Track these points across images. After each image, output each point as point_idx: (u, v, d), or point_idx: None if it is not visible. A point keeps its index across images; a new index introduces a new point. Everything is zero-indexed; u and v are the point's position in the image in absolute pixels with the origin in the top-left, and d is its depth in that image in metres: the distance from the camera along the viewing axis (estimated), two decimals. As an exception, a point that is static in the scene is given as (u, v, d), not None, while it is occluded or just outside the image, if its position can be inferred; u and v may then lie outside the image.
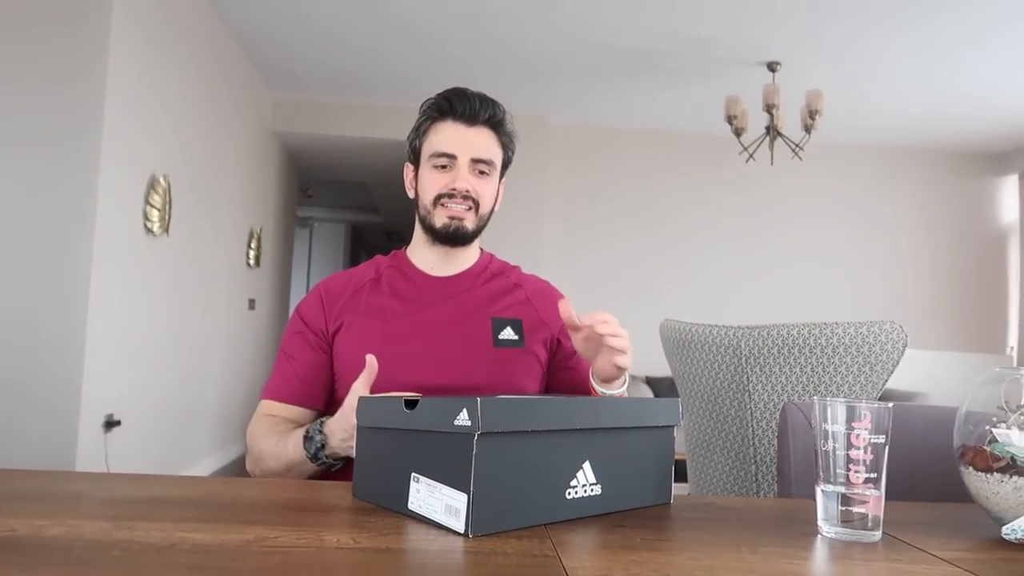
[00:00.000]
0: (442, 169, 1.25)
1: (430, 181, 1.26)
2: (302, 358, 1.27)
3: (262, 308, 6.02)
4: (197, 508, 0.80)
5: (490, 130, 1.28)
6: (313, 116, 5.96)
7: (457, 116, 1.25)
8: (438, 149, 1.25)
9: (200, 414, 4.66)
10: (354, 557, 0.65)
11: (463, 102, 1.25)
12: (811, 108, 4.55)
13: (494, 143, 1.28)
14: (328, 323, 1.27)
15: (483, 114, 1.26)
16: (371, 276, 1.33)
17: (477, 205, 1.26)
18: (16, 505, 0.77)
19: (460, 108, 1.25)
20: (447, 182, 1.25)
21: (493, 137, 1.28)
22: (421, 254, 1.33)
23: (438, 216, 1.26)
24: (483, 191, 1.27)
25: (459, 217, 1.25)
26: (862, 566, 0.70)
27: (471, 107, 1.25)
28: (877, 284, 6.31)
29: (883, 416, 0.78)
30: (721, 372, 1.80)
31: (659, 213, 6.27)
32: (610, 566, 0.65)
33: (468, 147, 1.25)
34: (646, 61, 4.86)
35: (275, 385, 1.28)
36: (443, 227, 1.26)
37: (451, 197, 1.25)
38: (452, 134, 1.25)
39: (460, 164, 1.24)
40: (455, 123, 1.26)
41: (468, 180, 1.24)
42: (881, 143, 6.35)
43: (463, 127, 1.25)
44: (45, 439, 2.98)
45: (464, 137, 1.25)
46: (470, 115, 1.25)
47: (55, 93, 3.06)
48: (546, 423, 0.78)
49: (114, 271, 3.27)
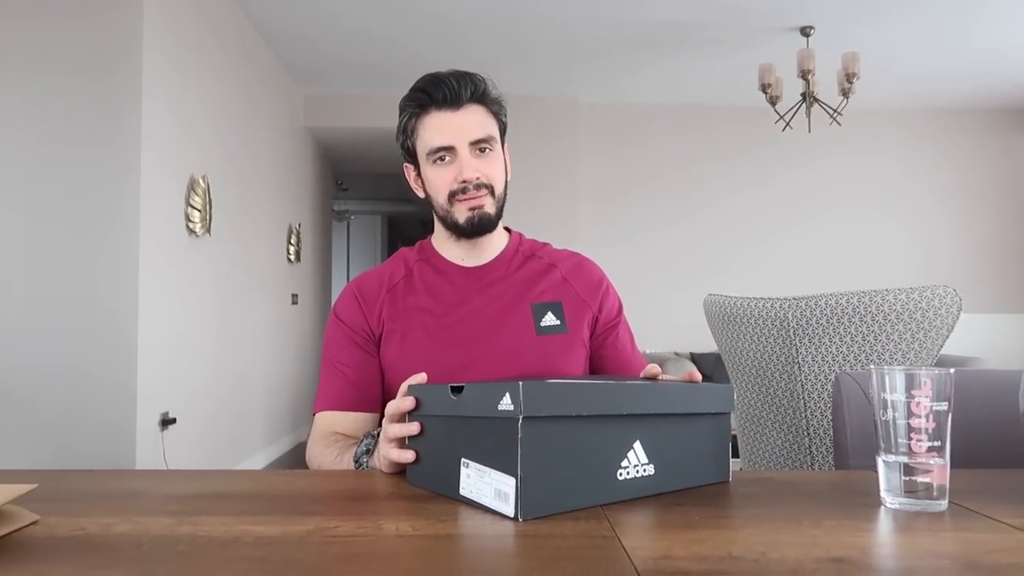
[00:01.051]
0: (443, 163, 1.20)
1: (437, 179, 1.21)
2: (350, 361, 1.24)
3: (305, 303, 6.11)
4: (256, 501, 0.81)
5: (478, 105, 1.21)
6: (343, 110, 6.00)
7: (440, 104, 1.18)
8: (433, 145, 1.19)
9: (251, 409, 4.75)
10: (414, 544, 0.66)
11: (441, 88, 1.18)
12: (848, 72, 4.43)
13: (486, 117, 1.21)
14: (370, 323, 1.25)
15: (465, 92, 1.18)
16: (403, 274, 1.29)
17: (491, 187, 1.21)
18: (83, 505, 0.80)
19: (440, 95, 1.18)
20: (454, 175, 1.19)
21: (483, 111, 1.21)
22: (448, 247, 1.29)
23: (458, 212, 1.21)
24: (491, 171, 1.21)
25: (479, 207, 1.20)
26: (930, 536, 0.68)
27: (452, 90, 1.18)
28: (923, 249, 6.14)
29: (945, 382, 0.76)
30: (769, 345, 1.77)
31: (695, 190, 6.17)
32: (670, 545, 0.64)
33: (462, 132, 1.18)
34: (675, 34, 4.78)
35: (327, 395, 1.24)
36: (467, 221, 1.21)
37: (464, 191, 1.19)
38: (442, 124, 1.19)
39: (460, 153, 1.18)
40: (440, 112, 1.19)
41: (474, 167, 1.19)
42: (918, 105, 6.15)
43: (450, 113, 1.18)
44: (106, 439, 3.07)
45: (455, 123, 1.18)
46: (453, 99, 1.18)
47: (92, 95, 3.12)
48: (592, 408, 0.77)
49: (160, 273, 3.34)
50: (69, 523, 0.71)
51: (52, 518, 0.72)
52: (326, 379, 1.25)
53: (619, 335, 1.30)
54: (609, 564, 0.59)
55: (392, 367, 1.22)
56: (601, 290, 1.30)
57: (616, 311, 1.31)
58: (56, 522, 0.71)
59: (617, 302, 1.33)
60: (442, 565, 0.61)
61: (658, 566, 0.58)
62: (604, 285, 1.32)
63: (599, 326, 1.29)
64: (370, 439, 1.06)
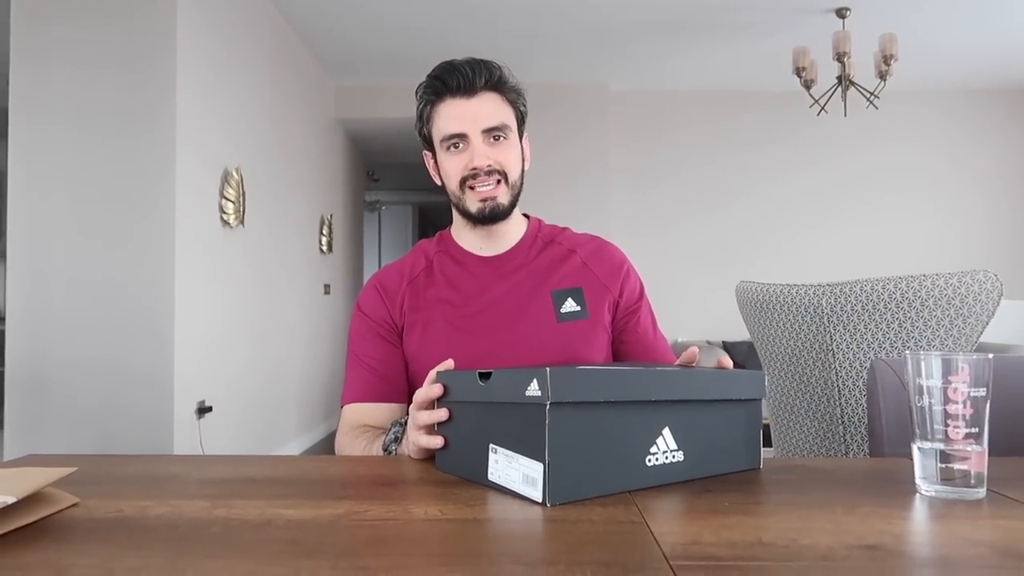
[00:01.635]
0: (456, 149, 1.20)
1: (449, 166, 1.22)
2: (375, 353, 1.25)
3: (337, 293, 6.17)
4: (288, 486, 0.83)
5: (493, 93, 1.21)
6: (374, 101, 6.03)
7: (454, 91, 1.19)
8: (445, 132, 1.20)
9: (285, 398, 4.82)
10: (443, 528, 0.66)
11: (455, 75, 1.19)
12: (885, 53, 4.33)
13: (501, 105, 1.21)
14: (392, 315, 1.25)
15: (479, 80, 1.19)
16: (423, 265, 1.29)
17: (505, 174, 1.21)
18: (122, 488, 0.81)
19: (454, 82, 1.19)
20: (466, 163, 1.20)
21: (498, 99, 1.21)
22: (466, 236, 1.30)
23: (469, 200, 1.22)
24: (504, 159, 1.21)
25: (491, 196, 1.20)
26: (967, 524, 0.67)
27: (465, 77, 1.18)
28: (961, 235, 5.99)
29: (983, 368, 0.74)
30: (803, 332, 1.75)
31: (729, 178, 6.07)
32: (699, 531, 0.64)
33: (475, 119, 1.19)
34: (707, 17, 4.71)
35: (353, 387, 1.25)
36: (479, 211, 1.21)
37: (475, 177, 1.20)
38: (455, 112, 1.19)
39: (472, 140, 1.19)
40: (454, 99, 1.20)
41: (486, 154, 1.19)
42: (956, 86, 5.98)
43: (464, 101, 1.19)
44: (144, 428, 3.14)
45: (468, 111, 1.19)
46: (467, 86, 1.19)
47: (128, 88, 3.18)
48: (619, 394, 0.77)
49: (196, 264, 3.40)
50: (107, 505, 0.73)
51: (91, 500, 0.74)
52: (352, 372, 1.27)
53: (640, 319, 1.29)
54: (637, 549, 0.59)
55: (415, 358, 1.23)
56: (621, 273, 1.29)
57: (637, 294, 1.30)
58: (95, 504, 0.73)
59: (638, 285, 1.31)
60: (471, 548, 0.62)
61: (687, 552, 0.58)
62: (624, 268, 1.31)
63: (620, 310, 1.28)
64: (398, 427, 1.07)
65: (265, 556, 0.58)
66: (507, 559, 0.58)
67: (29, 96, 3.15)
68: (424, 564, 0.56)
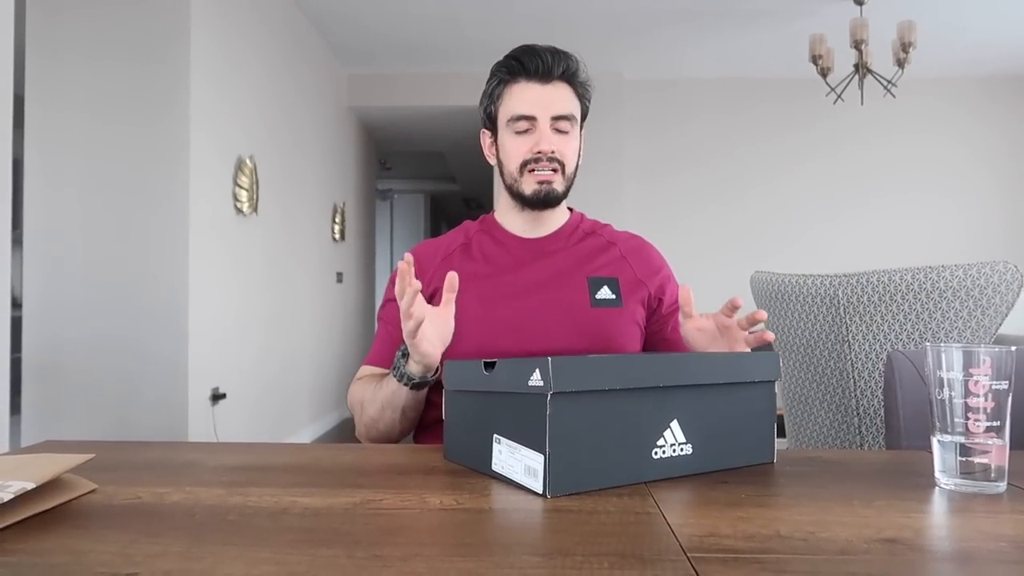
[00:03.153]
0: (524, 133, 1.22)
1: (513, 147, 1.23)
2: (396, 321, 1.25)
3: (349, 281, 6.19)
4: (304, 473, 0.83)
5: (566, 84, 1.22)
6: (387, 89, 6.01)
7: (530, 75, 1.21)
8: (516, 112, 1.21)
9: (298, 385, 4.85)
10: (459, 518, 0.66)
11: (535, 59, 1.20)
12: (904, 41, 4.27)
13: (571, 97, 1.23)
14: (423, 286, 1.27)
15: (557, 69, 1.20)
16: (461, 241, 1.31)
17: (563, 165, 1.22)
18: (139, 474, 0.82)
19: (532, 66, 1.20)
20: (531, 146, 1.21)
21: (570, 91, 1.23)
22: (511, 218, 1.31)
23: (527, 183, 1.23)
24: (566, 150, 1.22)
25: (548, 180, 1.22)
26: (986, 518, 0.66)
27: (544, 63, 1.20)
28: (978, 226, 5.92)
29: (1005, 361, 0.73)
30: (818, 323, 1.73)
31: (744, 168, 6.02)
32: (715, 523, 0.64)
33: (547, 106, 1.20)
34: (722, 5, 4.67)
35: (377, 352, 1.28)
36: (533, 193, 1.23)
37: (537, 161, 1.21)
38: (528, 95, 1.21)
39: (541, 125, 1.20)
40: (529, 83, 1.21)
41: (551, 141, 1.20)
42: (975, 74, 5.90)
43: (538, 86, 1.21)
44: (159, 414, 3.17)
45: (541, 96, 1.20)
46: (544, 72, 1.20)
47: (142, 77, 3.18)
48: (623, 381, 0.76)
49: (210, 252, 3.41)
50: (125, 492, 0.73)
51: (109, 487, 0.74)
52: (377, 337, 1.30)
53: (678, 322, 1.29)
54: (654, 541, 0.59)
55: None
56: (661, 275, 1.30)
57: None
58: (113, 491, 0.73)
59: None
60: (487, 538, 0.62)
61: (704, 543, 0.58)
62: (665, 271, 1.32)
63: (663, 307, 1.29)
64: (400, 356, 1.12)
65: (282, 544, 0.58)
66: (524, 549, 0.58)
67: (45, 85, 3.16)
68: (440, 554, 0.56)
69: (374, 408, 1.16)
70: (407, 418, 1.16)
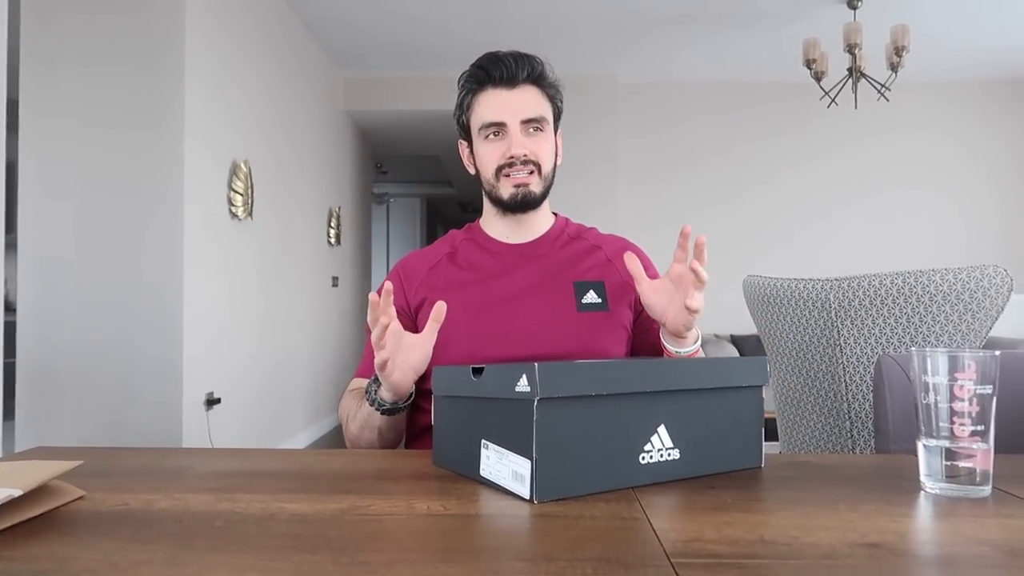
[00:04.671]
0: (494, 138, 1.24)
1: (486, 154, 1.25)
2: None
3: (345, 285, 6.18)
4: (293, 479, 0.83)
5: (533, 86, 1.24)
6: (383, 93, 6.02)
7: (496, 82, 1.23)
8: (485, 120, 1.23)
9: (293, 389, 4.84)
10: (445, 523, 0.66)
11: (498, 66, 1.22)
12: (897, 45, 4.29)
13: (540, 99, 1.25)
14: (408, 299, 1.28)
15: (521, 73, 1.23)
16: (447, 251, 1.32)
17: (539, 166, 1.24)
18: (128, 481, 0.82)
19: (497, 73, 1.22)
20: (503, 151, 1.23)
21: (538, 92, 1.25)
22: (495, 225, 1.32)
23: (503, 187, 1.25)
24: (540, 150, 1.24)
25: (524, 183, 1.24)
26: (971, 522, 0.67)
27: (508, 69, 1.22)
28: (976, 228, 5.94)
29: (989, 365, 0.74)
30: (810, 327, 1.74)
31: (737, 173, 6.04)
32: (701, 528, 0.64)
33: (515, 110, 1.22)
34: (717, 8, 4.68)
35: (363, 363, 1.29)
36: (511, 197, 1.24)
37: (511, 166, 1.23)
38: (496, 101, 1.23)
39: (511, 130, 1.22)
40: (496, 89, 1.23)
41: (523, 144, 1.22)
42: (969, 78, 5.92)
43: (505, 91, 1.23)
44: (154, 418, 3.16)
45: (508, 101, 1.22)
46: (509, 77, 1.22)
47: (136, 82, 3.18)
48: (611, 387, 0.76)
49: (204, 256, 3.41)
50: (113, 499, 0.73)
51: (97, 493, 0.74)
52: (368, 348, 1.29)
53: None
54: (639, 546, 0.59)
55: None
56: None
57: None
58: (101, 497, 0.73)
59: None
60: (472, 544, 0.62)
61: (688, 549, 0.58)
62: (650, 273, 1.31)
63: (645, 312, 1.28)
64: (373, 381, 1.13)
65: (267, 550, 0.58)
66: (508, 555, 0.58)
67: (39, 90, 3.16)
68: (425, 559, 0.56)
69: (355, 426, 1.18)
70: (385, 438, 1.17)
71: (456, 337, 1.16)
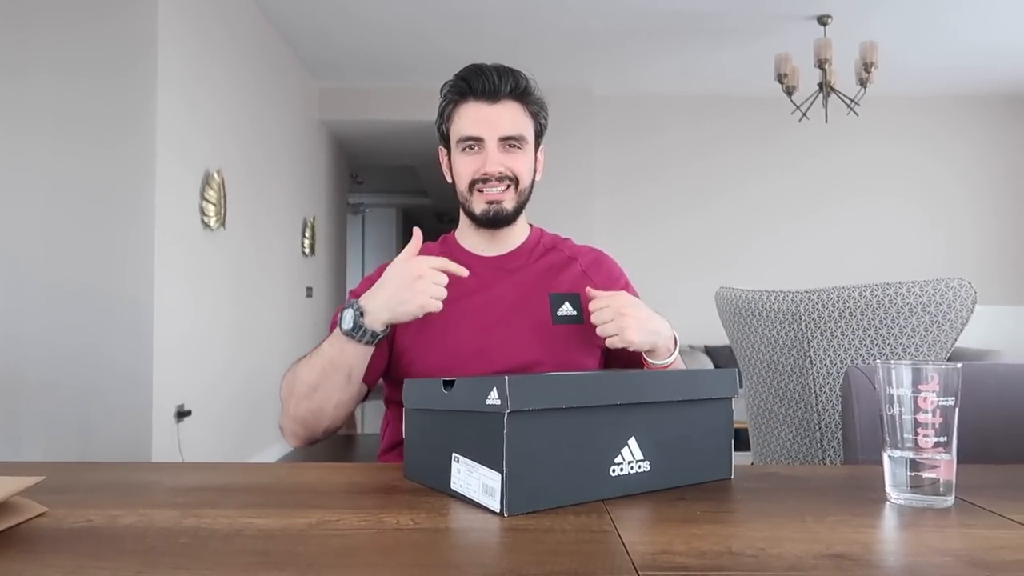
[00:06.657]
0: (471, 151, 1.21)
1: (462, 166, 1.22)
2: None
3: (319, 296, 6.14)
4: (261, 494, 0.82)
5: (516, 102, 1.22)
6: (358, 103, 6.01)
7: (478, 95, 1.20)
8: (463, 133, 1.21)
9: (266, 401, 4.79)
10: (414, 538, 0.66)
11: (481, 79, 1.19)
12: (866, 61, 4.38)
13: (521, 115, 1.22)
14: None
15: (504, 87, 1.20)
16: None
17: (515, 181, 1.22)
18: (92, 496, 0.81)
19: (479, 86, 1.19)
20: (478, 166, 1.20)
21: (519, 109, 1.22)
22: (469, 237, 1.31)
23: (476, 202, 1.23)
24: (517, 167, 1.22)
25: (497, 200, 1.22)
26: (934, 532, 0.68)
27: (491, 83, 1.19)
28: (939, 241, 6.06)
29: (952, 377, 0.75)
30: (780, 338, 1.76)
31: (711, 182, 6.13)
32: (670, 540, 0.64)
33: (494, 126, 1.19)
34: (690, 23, 4.74)
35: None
36: (483, 213, 1.23)
37: (485, 182, 1.21)
38: (476, 115, 1.20)
39: (488, 145, 1.19)
40: (477, 103, 1.20)
41: (499, 161, 1.20)
42: (937, 94, 6.07)
43: (486, 105, 1.20)
44: (123, 430, 3.11)
45: (488, 116, 1.20)
46: (491, 91, 1.19)
47: (108, 93, 3.15)
48: (581, 399, 0.76)
49: (176, 266, 3.37)
50: (76, 515, 0.72)
51: (60, 510, 0.73)
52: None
53: None
54: (607, 559, 0.59)
55: (407, 352, 1.22)
56: (619, 286, 1.30)
57: None
58: (64, 514, 0.72)
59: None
60: (440, 559, 0.62)
61: (656, 561, 0.58)
62: (622, 282, 1.33)
63: None
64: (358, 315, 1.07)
65: (233, 567, 0.57)
66: (477, 570, 0.58)
67: (9, 99, 3.12)
68: (392, 575, 0.56)
69: (312, 374, 1.10)
70: (352, 383, 1.10)
71: (431, 351, 1.16)
